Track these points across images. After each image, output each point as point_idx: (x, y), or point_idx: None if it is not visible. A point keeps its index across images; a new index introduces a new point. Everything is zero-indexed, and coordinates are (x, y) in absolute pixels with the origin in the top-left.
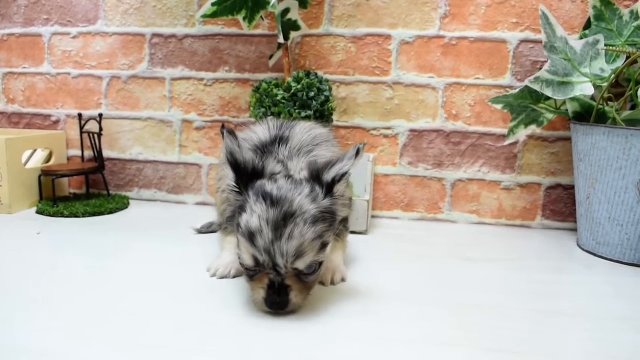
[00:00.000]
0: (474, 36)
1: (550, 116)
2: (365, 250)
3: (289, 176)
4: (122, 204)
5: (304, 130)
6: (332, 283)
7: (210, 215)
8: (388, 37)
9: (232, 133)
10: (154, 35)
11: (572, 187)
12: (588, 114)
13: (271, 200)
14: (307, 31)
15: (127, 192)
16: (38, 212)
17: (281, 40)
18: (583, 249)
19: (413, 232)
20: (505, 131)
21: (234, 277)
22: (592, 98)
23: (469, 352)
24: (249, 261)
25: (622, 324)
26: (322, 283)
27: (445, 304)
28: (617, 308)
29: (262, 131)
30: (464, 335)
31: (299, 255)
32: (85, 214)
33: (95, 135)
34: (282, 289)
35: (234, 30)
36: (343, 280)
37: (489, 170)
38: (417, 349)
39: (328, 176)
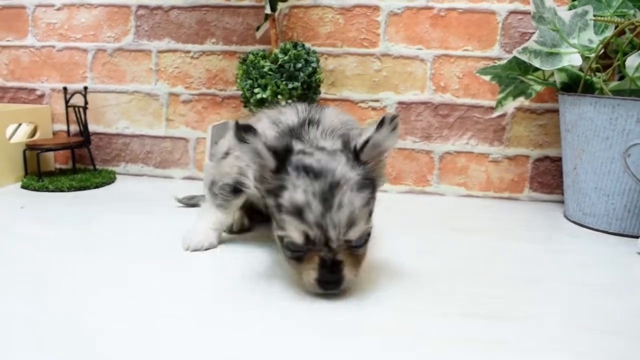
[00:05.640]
0: (463, 7)
1: (538, 87)
2: None
3: (321, 148)
4: (108, 179)
5: (334, 114)
6: None
7: (197, 189)
8: (376, 8)
9: (250, 128)
10: (140, 6)
11: (560, 159)
12: (576, 85)
13: (314, 173)
14: (295, 2)
15: (113, 167)
16: (23, 187)
17: (268, 11)
18: (569, 220)
19: (401, 204)
20: (493, 103)
21: (206, 249)
22: (580, 69)
23: (456, 319)
24: (298, 239)
25: (600, 291)
26: None
27: (432, 272)
28: (598, 276)
29: (290, 114)
30: (451, 303)
31: (351, 224)
32: (71, 189)
33: (81, 109)
34: (334, 265)
35: (220, 1)
36: None
37: (477, 142)
38: (402, 317)
39: (354, 143)
